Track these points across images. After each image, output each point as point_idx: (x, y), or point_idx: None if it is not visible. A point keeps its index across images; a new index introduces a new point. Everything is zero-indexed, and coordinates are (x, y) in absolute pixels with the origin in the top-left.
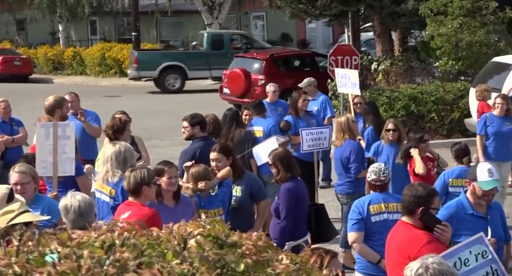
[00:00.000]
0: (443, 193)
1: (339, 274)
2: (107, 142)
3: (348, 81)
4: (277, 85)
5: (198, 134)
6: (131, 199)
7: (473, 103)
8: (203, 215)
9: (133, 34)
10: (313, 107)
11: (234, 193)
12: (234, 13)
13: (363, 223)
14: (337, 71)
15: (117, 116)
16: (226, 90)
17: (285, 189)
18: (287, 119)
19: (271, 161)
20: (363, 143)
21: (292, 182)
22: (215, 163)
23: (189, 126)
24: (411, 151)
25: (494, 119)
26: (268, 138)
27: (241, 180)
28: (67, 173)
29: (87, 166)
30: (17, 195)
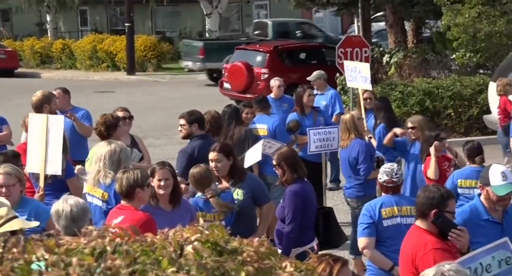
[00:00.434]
0: None
1: None
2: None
3: (358, 74)
4: (282, 79)
5: (196, 132)
6: (123, 202)
7: (493, 98)
8: (201, 220)
9: (126, 24)
10: (321, 102)
11: (235, 196)
12: (235, 2)
13: (374, 227)
14: (346, 64)
15: (118, 113)
16: (226, 85)
17: (291, 192)
18: (294, 117)
19: (275, 161)
20: (374, 142)
21: (299, 184)
22: (214, 163)
23: (186, 124)
24: (431, 151)
25: None
26: (273, 137)
27: (242, 183)
28: (56, 172)
29: (78, 167)
30: (1, 198)
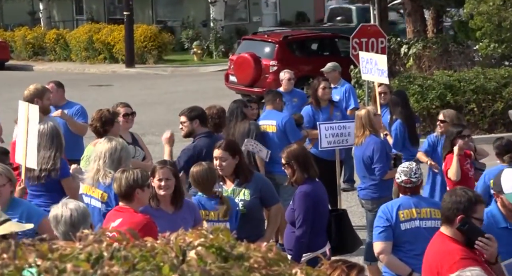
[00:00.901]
0: (485, 197)
1: None
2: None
3: (374, 67)
4: (292, 72)
5: (198, 129)
6: (122, 204)
7: None
8: (205, 223)
9: (125, 13)
10: (335, 96)
11: (241, 197)
12: None
13: (391, 231)
14: (361, 55)
15: (120, 109)
16: (232, 78)
17: (301, 193)
18: (306, 111)
19: (284, 160)
20: (390, 139)
21: (309, 185)
22: (218, 161)
23: (187, 121)
24: (454, 150)
25: None
26: (282, 134)
27: (248, 183)
28: (32, 166)
29: (73, 166)
30: None
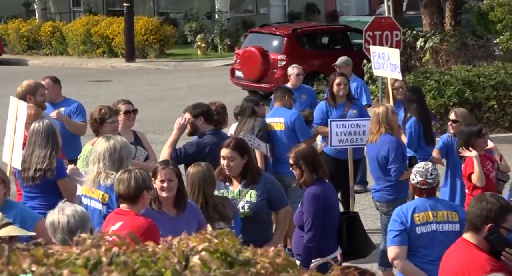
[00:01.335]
0: None
1: None
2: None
3: (386, 61)
4: (300, 67)
5: (203, 127)
6: (124, 206)
7: None
8: (209, 227)
9: (124, 5)
10: None
11: (248, 199)
12: None
13: (406, 235)
14: (373, 49)
15: (121, 107)
16: (238, 74)
17: (310, 195)
18: (320, 107)
19: (292, 160)
20: (404, 138)
21: (319, 186)
22: (226, 161)
23: (191, 118)
24: (468, 154)
25: None
26: (291, 132)
27: (256, 184)
28: (16, 166)
29: (70, 167)
30: None
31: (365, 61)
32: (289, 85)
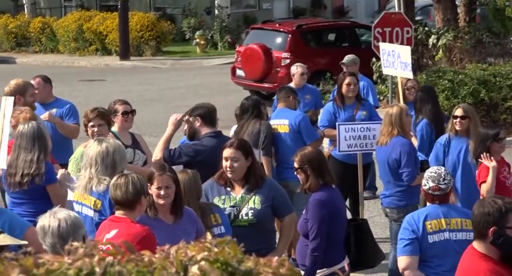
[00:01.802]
0: None
1: None
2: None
3: (396, 60)
4: (305, 65)
5: (202, 129)
6: (119, 213)
7: None
8: (209, 235)
9: (119, 0)
10: None
11: (251, 205)
12: None
13: (417, 244)
14: (382, 46)
15: (118, 107)
16: (240, 72)
17: (315, 201)
18: (327, 108)
19: (297, 164)
20: (415, 141)
21: (325, 192)
22: (229, 162)
23: (189, 118)
24: (483, 161)
25: None
26: (296, 135)
27: (260, 189)
28: (1, 166)
29: (61, 172)
30: None
31: (374, 59)
32: (292, 84)
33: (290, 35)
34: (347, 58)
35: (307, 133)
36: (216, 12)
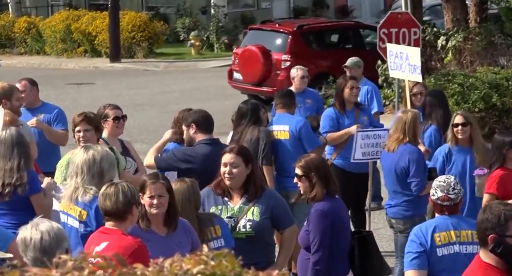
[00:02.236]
0: None
1: None
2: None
3: (404, 62)
4: (306, 68)
5: (196, 136)
6: (109, 224)
7: None
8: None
9: None
10: None
11: (249, 217)
12: None
13: (425, 258)
14: (389, 48)
15: (108, 112)
16: (237, 76)
17: (317, 211)
18: (328, 114)
19: (301, 171)
20: (422, 148)
21: (328, 202)
22: (228, 168)
23: (185, 128)
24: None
25: None
26: (296, 141)
27: (259, 199)
28: None
29: (46, 181)
30: None
31: (379, 62)
32: (292, 88)
33: (290, 36)
34: (351, 60)
35: (308, 139)
36: (212, 11)
